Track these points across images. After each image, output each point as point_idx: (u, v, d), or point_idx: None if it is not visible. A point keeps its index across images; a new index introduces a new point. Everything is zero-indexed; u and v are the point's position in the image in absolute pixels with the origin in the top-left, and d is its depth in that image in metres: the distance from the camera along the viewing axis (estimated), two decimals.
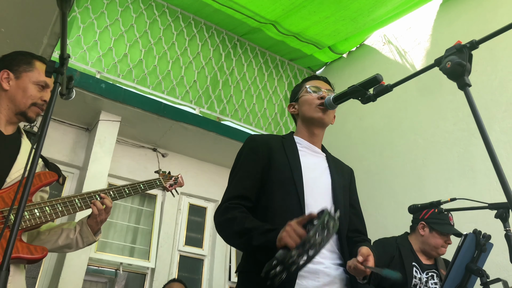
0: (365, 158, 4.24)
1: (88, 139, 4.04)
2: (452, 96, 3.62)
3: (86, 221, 1.76)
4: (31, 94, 1.64)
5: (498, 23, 3.22)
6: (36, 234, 1.72)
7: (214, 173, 4.73)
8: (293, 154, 1.57)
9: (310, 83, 1.71)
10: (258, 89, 5.03)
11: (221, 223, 1.46)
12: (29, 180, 0.91)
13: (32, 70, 1.67)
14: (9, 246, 0.85)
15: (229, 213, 1.43)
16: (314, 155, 1.64)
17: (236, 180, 1.54)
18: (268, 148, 1.57)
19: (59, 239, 1.72)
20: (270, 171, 1.52)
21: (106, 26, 4.13)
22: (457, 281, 1.91)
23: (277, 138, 1.66)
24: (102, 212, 1.74)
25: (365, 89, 1.39)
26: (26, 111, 1.64)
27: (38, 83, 1.66)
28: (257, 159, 1.55)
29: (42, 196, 1.75)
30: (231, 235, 1.43)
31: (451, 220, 2.51)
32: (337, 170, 1.64)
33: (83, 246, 1.76)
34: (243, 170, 1.55)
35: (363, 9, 4.21)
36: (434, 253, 2.49)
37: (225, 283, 4.38)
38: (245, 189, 1.50)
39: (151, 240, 4.19)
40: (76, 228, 1.75)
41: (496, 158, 0.92)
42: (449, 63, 1.04)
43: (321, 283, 1.37)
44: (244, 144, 1.65)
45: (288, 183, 1.48)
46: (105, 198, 1.76)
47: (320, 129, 1.68)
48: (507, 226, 1.73)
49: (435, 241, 2.47)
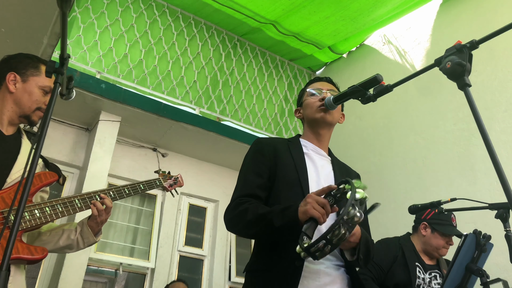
0: (365, 158, 4.24)
1: (88, 139, 4.04)
2: (452, 96, 3.62)
3: (87, 222, 1.76)
4: (37, 99, 1.65)
5: (498, 23, 3.21)
6: (37, 234, 1.73)
7: (214, 173, 4.73)
8: (299, 157, 1.58)
9: (311, 86, 1.74)
10: (258, 89, 5.03)
11: (233, 218, 1.45)
12: (29, 181, 0.91)
13: (39, 75, 1.68)
14: (9, 246, 0.85)
15: (239, 207, 1.43)
16: (320, 158, 1.65)
17: (244, 180, 1.55)
18: (274, 150, 1.59)
19: (60, 239, 1.72)
20: (276, 172, 1.53)
21: (106, 26, 4.13)
22: (457, 281, 1.91)
23: (283, 141, 1.68)
24: (102, 212, 1.74)
25: (365, 89, 1.39)
26: (30, 115, 1.65)
27: (44, 88, 1.67)
28: (263, 160, 1.56)
29: (42, 196, 1.75)
30: (246, 225, 1.40)
31: (453, 221, 2.49)
32: (341, 174, 1.64)
33: (83, 247, 1.76)
34: (250, 170, 1.56)
35: (363, 9, 4.21)
36: (436, 253, 2.49)
37: (225, 283, 4.38)
38: (255, 188, 1.51)
39: (151, 240, 4.19)
40: (77, 229, 1.75)
41: (496, 158, 0.92)
42: (449, 63, 1.04)
43: (322, 283, 1.37)
44: (250, 147, 1.66)
45: (294, 184, 1.49)
46: (105, 199, 1.76)
47: (325, 129, 1.69)
48: (507, 227, 1.73)
49: (437, 242, 2.47)
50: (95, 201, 1.73)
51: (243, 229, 1.45)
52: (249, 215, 1.37)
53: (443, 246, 2.47)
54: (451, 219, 2.49)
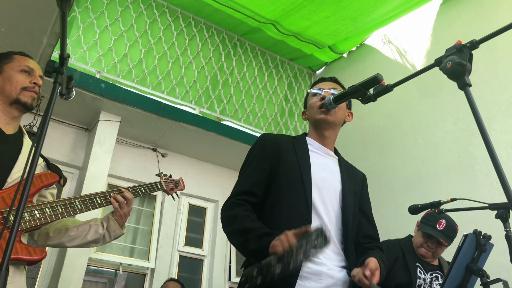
0: (365, 158, 4.24)
1: (88, 139, 4.04)
2: (452, 96, 3.62)
3: (112, 216, 1.83)
4: (18, 80, 1.65)
5: (498, 23, 3.21)
6: (65, 231, 1.77)
7: (214, 173, 4.73)
8: (303, 154, 1.57)
9: (315, 86, 1.73)
10: (258, 89, 5.03)
11: (225, 219, 1.48)
12: (29, 181, 0.91)
13: (12, 61, 1.69)
14: (8, 247, 0.85)
15: (233, 209, 1.45)
16: (325, 157, 1.64)
17: (245, 176, 1.57)
18: (278, 146, 1.59)
19: (88, 234, 1.79)
20: (279, 168, 1.53)
21: (106, 26, 4.13)
22: (457, 281, 1.90)
23: (289, 138, 1.67)
24: (123, 205, 1.83)
25: (365, 89, 1.39)
26: (18, 97, 1.64)
27: (22, 69, 1.68)
28: (266, 156, 1.57)
29: (52, 192, 1.79)
30: (232, 233, 1.44)
31: (440, 225, 2.41)
32: (348, 175, 1.63)
33: (109, 240, 1.85)
34: (252, 166, 1.57)
35: (363, 9, 4.21)
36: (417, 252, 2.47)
37: (225, 283, 4.38)
38: (253, 184, 1.52)
39: (151, 240, 4.18)
40: (104, 224, 1.83)
41: (496, 158, 0.92)
42: (450, 63, 1.04)
43: (324, 284, 1.36)
44: (255, 142, 1.67)
45: (296, 181, 1.49)
46: (125, 192, 1.85)
47: (329, 130, 1.66)
48: (507, 227, 1.72)
49: (417, 240, 2.47)
50: (115, 195, 1.82)
51: (229, 236, 1.48)
52: (236, 224, 1.40)
53: (422, 245, 2.43)
54: (438, 222, 2.41)
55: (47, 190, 1.75)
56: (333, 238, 1.46)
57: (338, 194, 1.54)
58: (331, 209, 1.50)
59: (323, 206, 1.47)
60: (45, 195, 1.76)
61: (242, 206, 1.45)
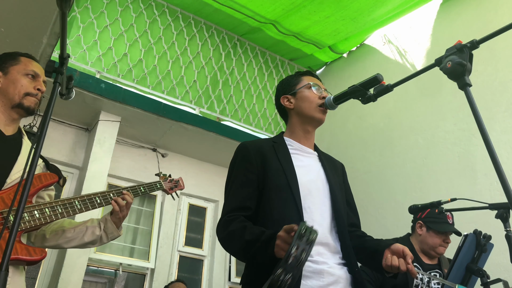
0: (365, 158, 4.24)
1: (88, 139, 4.04)
2: (453, 96, 3.62)
3: (110, 218, 1.83)
4: (22, 85, 1.65)
5: (498, 23, 3.22)
6: (61, 232, 1.77)
7: (214, 173, 4.72)
8: (286, 159, 1.54)
9: (310, 79, 1.68)
10: (258, 89, 5.03)
11: (223, 239, 1.43)
12: (29, 181, 0.91)
13: (18, 63, 1.69)
14: (8, 247, 0.85)
15: (228, 227, 1.40)
16: (306, 157, 1.62)
17: (232, 191, 1.51)
18: (261, 155, 1.54)
19: (85, 236, 1.79)
20: (266, 178, 1.49)
21: (106, 26, 4.13)
22: (458, 282, 1.90)
23: (268, 143, 1.62)
24: (123, 208, 1.82)
25: (365, 89, 1.39)
26: (21, 102, 1.64)
27: (27, 73, 1.68)
28: (251, 167, 1.52)
29: (49, 194, 1.78)
30: (235, 253, 1.43)
31: (449, 219, 2.47)
32: (330, 169, 1.63)
33: (107, 241, 1.85)
34: (238, 180, 1.52)
35: (363, 9, 4.21)
36: (433, 252, 2.47)
37: (225, 284, 4.38)
38: (243, 198, 1.47)
39: (151, 240, 4.18)
40: (101, 225, 1.82)
41: (496, 158, 0.92)
42: (450, 62, 1.04)
43: (326, 283, 1.36)
44: (236, 153, 1.61)
45: (284, 189, 1.46)
46: (126, 194, 1.85)
47: (316, 127, 1.68)
48: (507, 227, 1.72)
49: (432, 241, 2.45)
50: (116, 197, 1.82)
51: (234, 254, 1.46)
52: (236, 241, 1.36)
53: (440, 244, 2.44)
54: (447, 216, 2.45)
55: (45, 191, 1.75)
56: (329, 237, 1.46)
57: (327, 193, 1.54)
58: (324, 209, 1.50)
59: (314, 209, 1.47)
60: (43, 197, 1.75)
61: (236, 219, 1.41)
